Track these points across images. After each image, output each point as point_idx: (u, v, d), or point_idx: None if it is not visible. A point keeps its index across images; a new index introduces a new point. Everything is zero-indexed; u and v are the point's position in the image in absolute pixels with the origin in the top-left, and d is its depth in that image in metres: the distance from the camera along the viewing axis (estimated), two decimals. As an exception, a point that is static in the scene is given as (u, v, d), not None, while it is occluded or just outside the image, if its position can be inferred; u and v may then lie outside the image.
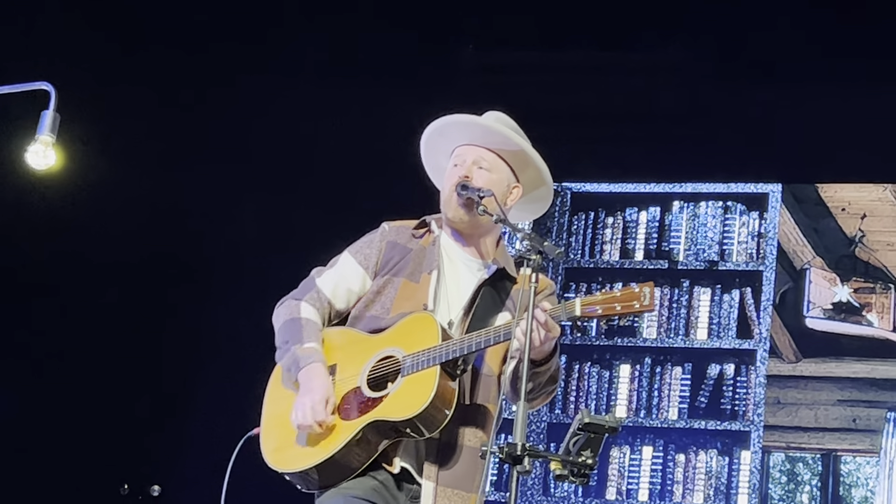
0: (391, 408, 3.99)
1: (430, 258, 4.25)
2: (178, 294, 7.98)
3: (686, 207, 7.99)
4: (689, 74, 7.74)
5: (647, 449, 7.66)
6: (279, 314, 4.29)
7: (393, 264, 4.26)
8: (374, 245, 4.30)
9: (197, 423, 7.81)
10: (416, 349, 4.04)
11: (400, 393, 4.01)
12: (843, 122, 7.47)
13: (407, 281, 4.23)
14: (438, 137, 4.36)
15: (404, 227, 4.36)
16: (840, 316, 7.58)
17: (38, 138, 4.73)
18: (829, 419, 7.47)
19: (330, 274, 4.30)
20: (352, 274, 4.28)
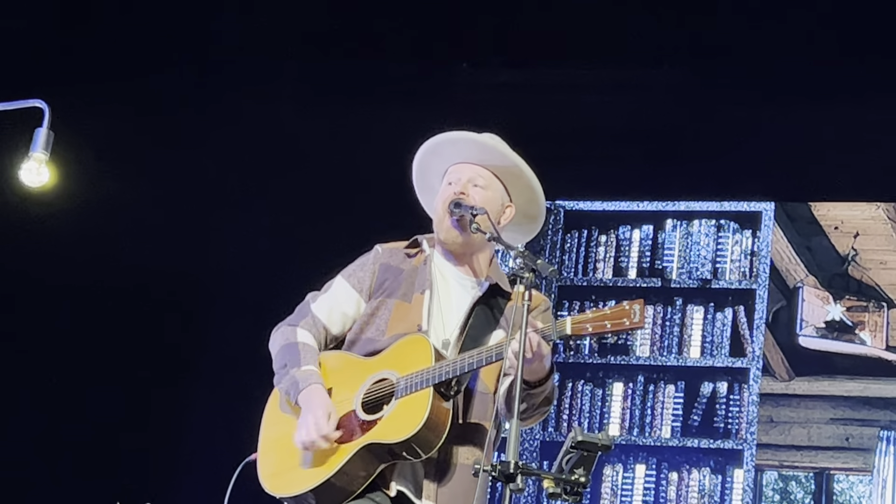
0: (386, 430, 3.99)
1: (422, 277, 4.24)
2: (173, 314, 7.97)
3: (679, 226, 7.99)
4: (682, 93, 7.75)
5: (640, 467, 7.65)
6: (275, 340, 4.28)
7: (386, 286, 4.25)
8: (367, 268, 4.30)
9: (194, 448, 7.79)
10: (410, 371, 4.03)
11: (394, 415, 4.01)
12: (836, 141, 7.49)
13: (400, 302, 4.22)
14: (432, 157, 4.35)
15: (397, 248, 4.35)
16: (833, 334, 7.59)
17: (32, 156, 4.73)
18: (822, 437, 7.48)
19: (324, 299, 4.30)
20: (346, 298, 4.28)
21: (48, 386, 7.77)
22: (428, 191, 4.41)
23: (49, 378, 7.76)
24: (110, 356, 7.80)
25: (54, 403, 7.75)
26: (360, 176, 7.81)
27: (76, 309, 7.88)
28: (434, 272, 4.27)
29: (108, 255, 7.87)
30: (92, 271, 7.85)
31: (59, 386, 7.77)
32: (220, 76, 8.15)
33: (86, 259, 7.84)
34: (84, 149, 7.33)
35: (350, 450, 4.00)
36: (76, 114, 5.90)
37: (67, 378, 7.78)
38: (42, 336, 7.83)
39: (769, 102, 7.63)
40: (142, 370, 7.82)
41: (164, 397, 7.84)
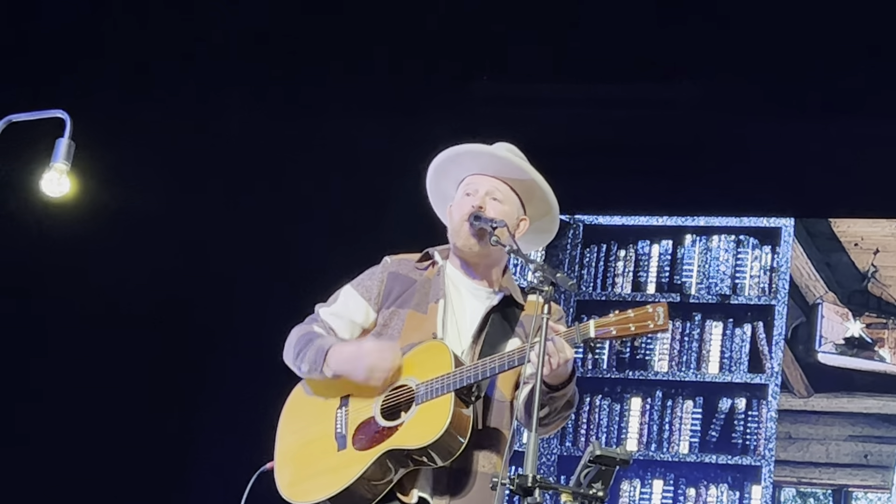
0: (406, 436, 3.99)
1: (436, 288, 4.26)
2: (189, 324, 7.98)
3: (698, 241, 7.99)
4: (702, 108, 7.75)
5: (657, 483, 7.64)
6: (290, 341, 4.29)
7: (396, 296, 4.26)
8: (375, 277, 4.32)
9: (208, 457, 7.79)
10: (430, 377, 4.04)
11: (415, 421, 4.01)
12: (856, 157, 7.48)
13: (414, 312, 4.23)
14: (450, 164, 4.36)
15: (406, 259, 4.38)
16: (852, 351, 7.57)
17: (53, 166, 4.74)
18: (841, 454, 7.45)
19: (333, 308, 4.32)
20: (354, 306, 4.30)
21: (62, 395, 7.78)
22: (441, 197, 4.43)
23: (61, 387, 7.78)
24: (125, 364, 7.81)
25: (67, 410, 7.76)
26: (380, 188, 7.81)
27: (94, 317, 7.88)
28: (447, 283, 4.28)
29: (126, 264, 7.88)
30: (111, 280, 7.86)
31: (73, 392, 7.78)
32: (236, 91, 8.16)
33: (105, 268, 7.86)
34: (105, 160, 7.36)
35: (370, 456, 4.00)
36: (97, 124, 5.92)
37: (81, 385, 7.79)
38: (58, 343, 7.85)
39: (789, 118, 7.62)
40: (157, 378, 7.83)
41: (178, 404, 7.86)
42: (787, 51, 7.44)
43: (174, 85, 8.01)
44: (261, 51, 8.02)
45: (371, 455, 4.00)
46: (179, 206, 8.01)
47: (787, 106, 7.60)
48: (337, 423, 4.12)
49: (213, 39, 7.97)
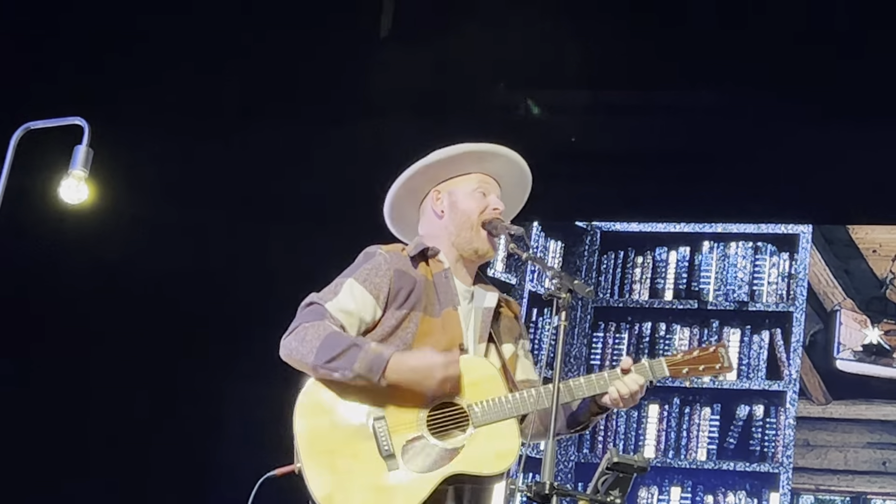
0: (474, 461, 3.91)
1: (448, 293, 4.16)
2: (204, 330, 7.99)
3: (716, 247, 7.98)
4: (719, 115, 7.74)
5: (675, 489, 7.63)
6: (304, 337, 4.00)
7: (405, 296, 4.11)
8: (381, 273, 4.11)
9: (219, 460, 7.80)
10: (479, 397, 3.98)
11: (479, 445, 3.93)
12: (875, 164, 7.46)
13: (425, 316, 4.12)
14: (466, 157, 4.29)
15: (398, 253, 4.20)
16: (870, 358, 7.55)
17: (71, 173, 4.76)
18: (859, 462, 7.43)
19: (340, 301, 4.08)
20: (363, 303, 4.08)
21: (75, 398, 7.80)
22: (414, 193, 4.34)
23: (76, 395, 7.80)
24: (140, 368, 7.83)
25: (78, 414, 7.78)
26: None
27: (110, 322, 7.90)
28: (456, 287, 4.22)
29: (143, 269, 7.90)
30: (128, 285, 7.89)
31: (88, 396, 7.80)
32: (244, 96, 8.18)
33: (122, 274, 7.88)
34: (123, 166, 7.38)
35: (435, 479, 3.91)
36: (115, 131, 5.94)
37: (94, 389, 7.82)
38: (74, 348, 7.87)
39: (806, 125, 7.60)
40: (170, 382, 7.85)
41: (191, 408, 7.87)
42: (806, 57, 7.42)
43: (191, 92, 8.02)
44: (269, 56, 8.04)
45: (436, 478, 3.90)
46: (196, 212, 8.02)
47: (804, 112, 7.59)
48: (379, 439, 3.95)
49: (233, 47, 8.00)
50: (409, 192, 4.33)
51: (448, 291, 4.16)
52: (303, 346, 3.99)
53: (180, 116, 8.01)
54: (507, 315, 4.28)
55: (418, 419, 3.97)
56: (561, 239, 8.19)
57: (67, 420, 7.78)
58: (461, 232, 4.22)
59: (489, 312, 4.19)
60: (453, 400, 3.99)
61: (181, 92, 7.95)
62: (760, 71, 7.58)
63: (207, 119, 8.07)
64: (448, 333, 4.09)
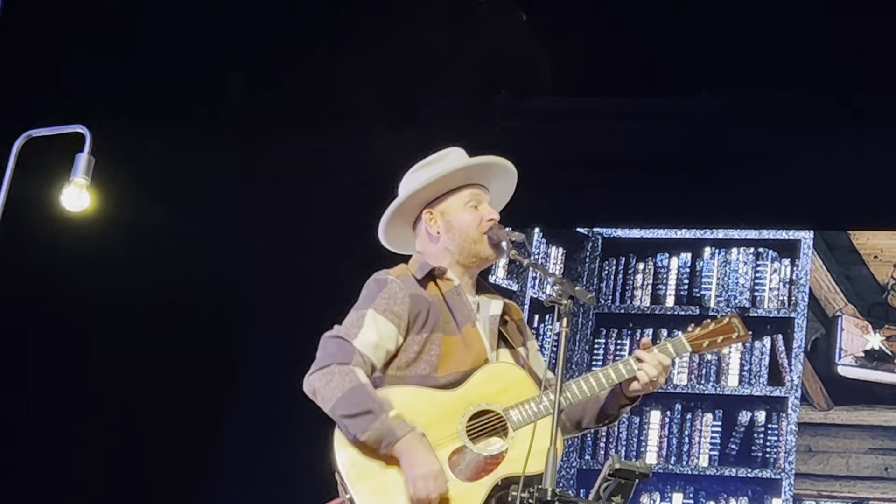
0: (520, 463, 3.86)
1: (463, 310, 4.18)
2: (210, 338, 7.99)
3: (717, 253, 7.98)
4: (720, 121, 7.74)
5: (677, 496, 7.62)
6: (330, 381, 4.01)
7: (423, 319, 4.13)
8: (398, 301, 4.12)
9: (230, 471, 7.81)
10: (513, 402, 4.00)
11: (522, 447, 3.91)
12: (876, 169, 7.46)
13: (445, 336, 4.13)
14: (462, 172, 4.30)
15: (406, 276, 4.22)
16: (872, 364, 7.55)
17: (73, 180, 4.76)
18: (861, 467, 7.43)
19: (366, 335, 4.08)
20: (387, 334, 4.09)
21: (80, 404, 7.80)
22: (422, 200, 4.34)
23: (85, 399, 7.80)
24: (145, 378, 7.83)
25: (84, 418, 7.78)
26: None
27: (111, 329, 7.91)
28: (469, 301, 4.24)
29: (146, 277, 7.90)
30: (130, 292, 7.88)
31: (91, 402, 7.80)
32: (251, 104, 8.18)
33: (124, 281, 7.88)
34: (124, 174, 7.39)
35: (486, 486, 3.91)
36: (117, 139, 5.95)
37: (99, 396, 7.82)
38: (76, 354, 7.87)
39: (808, 131, 7.61)
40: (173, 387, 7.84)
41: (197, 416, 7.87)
42: (806, 64, 7.42)
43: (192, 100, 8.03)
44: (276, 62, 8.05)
45: (489, 482, 3.91)
46: (198, 220, 8.03)
47: (805, 118, 7.59)
48: None
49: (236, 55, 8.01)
50: (401, 217, 4.37)
51: (463, 308, 4.19)
52: (326, 391, 4.00)
53: (181, 124, 8.02)
54: (513, 319, 4.30)
55: (458, 430, 3.99)
56: (562, 245, 8.19)
57: (63, 423, 7.78)
58: (463, 247, 4.25)
59: (495, 320, 4.21)
60: (489, 407, 4.01)
61: (182, 99, 7.96)
62: (762, 77, 7.58)
63: (209, 126, 8.08)
64: (472, 351, 4.12)
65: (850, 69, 7.36)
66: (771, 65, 7.53)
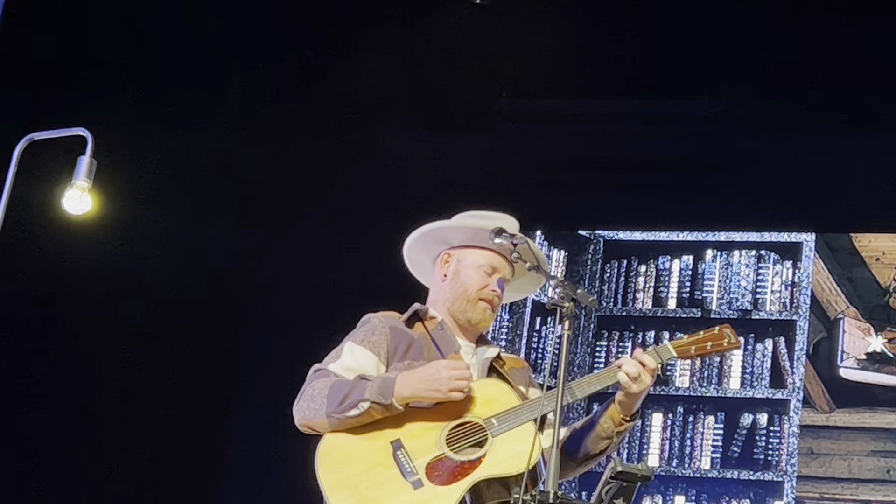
0: (498, 465, 3.91)
1: (447, 341, 4.21)
2: (211, 340, 8.00)
3: (719, 256, 7.98)
4: (722, 123, 7.75)
5: (679, 498, 7.62)
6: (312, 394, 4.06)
7: (404, 350, 4.16)
8: (378, 332, 4.18)
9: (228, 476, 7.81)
10: (495, 411, 4.00)
11: (502, 451, 3.94)
12: (878, 172, 7.46)
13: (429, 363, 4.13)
14: (432, 240, 4.35)
15: (392, 316, 4.26)
16: (874, 366, 7.55)
17: (75, 183, 4.77)
18: (863, 470, 7.43)
19: (343, 361, 4.14)
20: (365, 360, 4.13)
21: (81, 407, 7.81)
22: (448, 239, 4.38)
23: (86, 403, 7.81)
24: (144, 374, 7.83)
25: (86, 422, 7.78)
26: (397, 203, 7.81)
27: (114, 332, 7.91)
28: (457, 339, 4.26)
29: (149, 283, 7.91)
30: (132, 294, 7.89)
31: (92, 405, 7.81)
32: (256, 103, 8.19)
33: (125, 284, 7.89)
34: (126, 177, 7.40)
35: (461, 489, 3.90)
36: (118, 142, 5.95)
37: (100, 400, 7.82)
38: (78, 358, 7.87)
39: (810, 133, 7.61)
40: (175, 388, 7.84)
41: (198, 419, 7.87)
42: (808, 67, 7.43)
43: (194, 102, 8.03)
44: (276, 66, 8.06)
45: (462, 487, 3.90)
46: (200, 223, 8.04)
47: (807, 121, 7.59)
48: (401, 465, 3.97)
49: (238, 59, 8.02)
50: (424, 248, 4.40)
51: (447, 340, 4.22)
52: (313, 403, 4.04)
53: (183, 127, 8.02)
54: (514, 366, 4.30)
55: (437, 440, 3.99)
56: (564, 248, 8.19)
57: (67, 428, 7.78)
58: (456, 301, 4.28)
59: (488, 361, 4.22)
60: (469, 419, 4.01)
61: (184, 102, 7.97)
62: (763, 79, 7.59)
63: (210, 128, 8.09)
64: None
65: (854, 71, 7.37)
66: (772, 67, 7.54)
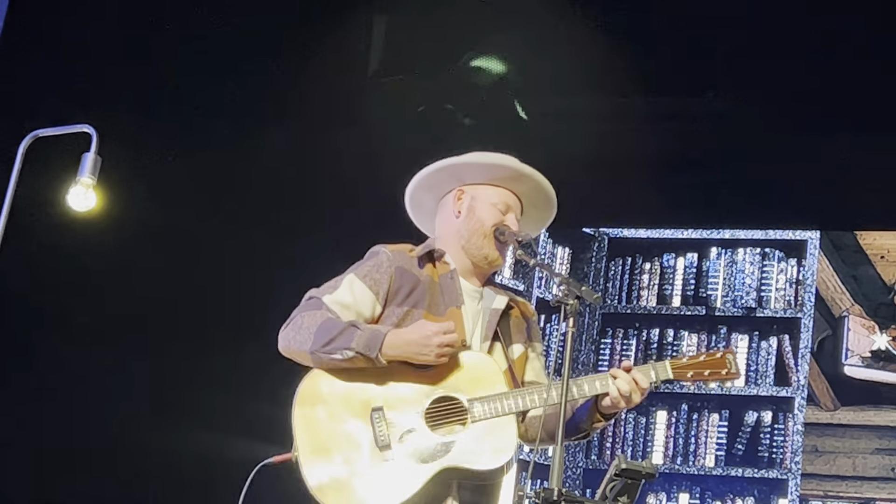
0: (469, 456, 3.92)
1: (452, 292, 4.19)
2: (213, 338, 8.00)
3: (724, 254, 7.97)
4: (727, 121, 7.74)
5: (683, 496, 7.62)
6: (300, 325, 4.07)
7: (406, 293, 4.15)
8: (382, 270, 4.16)
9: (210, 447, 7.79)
10: (480, 393, 3.99)
11: (476, 441, 3.94)
12: (882, 169, 7.46)
13: (429, 314, 4.13)
14: (446, 176, 4.32)
15: (402, 252, 4.25)
16: (878, 364, 7.54)
17: (80, 180, 4.77)
18: (868, 468, 7.42)
19: (338, 295, 4.13)
20: (362, 297, 4.13)
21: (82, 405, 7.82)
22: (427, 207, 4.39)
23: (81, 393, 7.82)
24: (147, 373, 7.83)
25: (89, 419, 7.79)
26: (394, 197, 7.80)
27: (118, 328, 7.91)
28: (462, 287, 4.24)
29: (153, 280, 7.91)
30: (136, 292, 7.90)
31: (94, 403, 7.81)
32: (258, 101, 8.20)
33: (132, 281, 7.89)
34: (130, 174, 7.40)
35: (428, 472, 3.92)
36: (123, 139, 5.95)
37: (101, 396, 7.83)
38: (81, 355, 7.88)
39: (814, 130, 7.60)
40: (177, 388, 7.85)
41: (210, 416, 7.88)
42: (813, 65, 7.42)
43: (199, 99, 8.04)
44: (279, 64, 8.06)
45: (429, 471, 3.92)
46: (205, 220, 8.04)
47: (812, 119, 7.59)
48: (376, 430, 3.97)
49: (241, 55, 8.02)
50: (434, 184, 4.36)
51: (452, 291, 4.19)
52: (299, 335, 4.05)
53: (188, 123, 8.03)
54: (518, 317, 4.29)
55: (417, 411, 4.00)
56: (568, 245, 8.19)
57: (70, 426, 7.79)
58: (472, 237, 4.24)
59: (496, 313, 4.20)
60: (453, 394, 4.01)
61: (189, 100, 7.97)
62: (768, 77, 7.58)
63: (215, 126, 8.09)
64: None
65: (858, 68, 7.36)
66: (777, 64, 7.53)
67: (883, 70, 7.36)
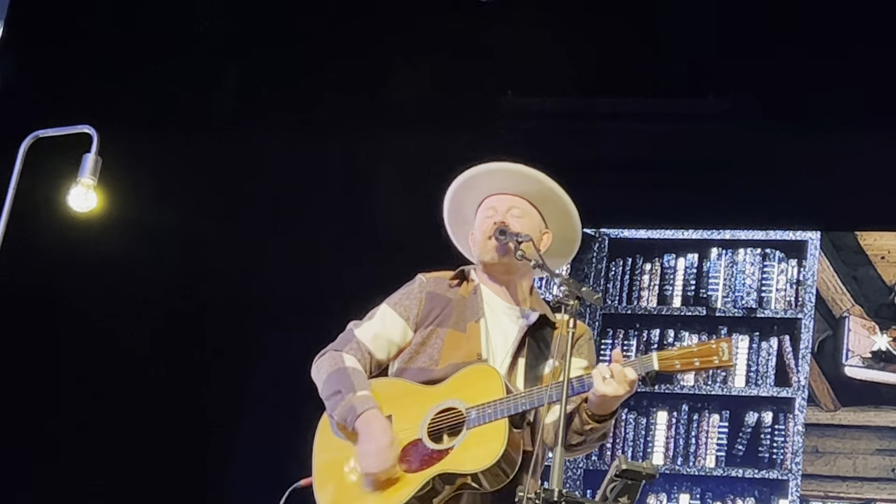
0: (460, 460, 3.96)
1: (474, 307, 4.23)
2: (215, 337, 8.00)
3: (724, 254, 7.97)
4: (728, 121, 7.74)
5: (683, 497, 7.62)
6: (321, 367, 4.23)
7: (435, 315, 4.23)
8: (413, 296, 4.27)
9: (241, 473, 7.80)
10: (479, 401, 4.01)
11: (467, 445, 3.98)
12: (883, 170, 7.45)
13: (453, 331, 4.20)
14: (466, 191, 4.35)
15: (440, 278, 4.33)
16: (879, 365, 7.54)
17: (80, 181, 4.77)
18: (868, 469, 7.42)
19: (369, 325, 4.27)
20: (392, 325, 4.25)
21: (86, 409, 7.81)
22: (462, 225, 4.42)
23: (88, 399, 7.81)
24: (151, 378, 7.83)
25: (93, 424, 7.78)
26: (403, 204, 7.81)
27: (119, 328, 7.91)
28: (484, 302, 4.26)
29: (153, 280, 7.91)
30: (137, 292, 7.90)
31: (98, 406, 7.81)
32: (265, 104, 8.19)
33: (131, 282, 7.89)
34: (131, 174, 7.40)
35: (421, 479, 3.97)
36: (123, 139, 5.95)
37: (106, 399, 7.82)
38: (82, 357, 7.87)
39: (814, 131, 7.60)
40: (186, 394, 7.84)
41: (207, 419, 7.86)
42: (812, 65, 7.42)
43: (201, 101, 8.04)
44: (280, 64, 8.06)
45: (423, 477, 3.96)
46: (205, 219, 8.04)
47: (811, 119, 7.58)
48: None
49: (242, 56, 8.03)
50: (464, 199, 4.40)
51: (474, 306, 4.24)
52: (318, 376, 4.24)
53: (189, 124, 8.03)
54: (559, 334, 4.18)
55: (420, 424, 4.06)
56: (569, 246, 8.17)
57: (73, 429, 7.79)
58: (480, 253, 4.29)
59: (523, 329, 4.21)
60: (456, 405, 4.05)
61: (190, 100, 7.98)
62: (769, 78, 7.58)
63: (217, 127, 8.09)
64: (467, 346, 4.16)
65: (858, 68, 7.36)
66: (777, 65, 7.53)
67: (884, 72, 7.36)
